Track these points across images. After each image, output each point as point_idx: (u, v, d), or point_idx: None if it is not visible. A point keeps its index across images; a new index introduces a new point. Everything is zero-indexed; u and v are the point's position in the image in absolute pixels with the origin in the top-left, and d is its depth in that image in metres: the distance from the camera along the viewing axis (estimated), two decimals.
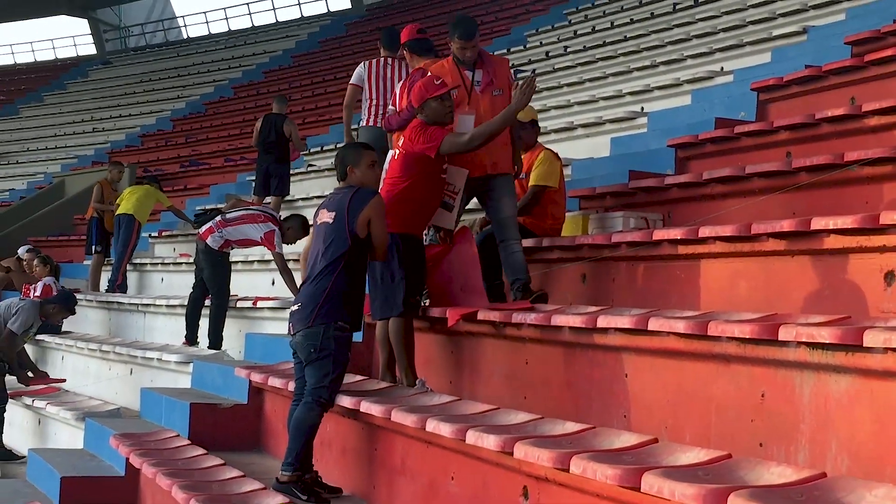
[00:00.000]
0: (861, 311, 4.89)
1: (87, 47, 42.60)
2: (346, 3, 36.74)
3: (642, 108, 12.09)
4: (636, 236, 6.53)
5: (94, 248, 15.54)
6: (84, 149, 28.54)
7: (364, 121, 8.96)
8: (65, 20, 44.28)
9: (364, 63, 9.04)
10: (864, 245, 4.97)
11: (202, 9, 58.18)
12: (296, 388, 6.15)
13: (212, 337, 10.33)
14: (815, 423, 4.19)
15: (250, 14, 39.68)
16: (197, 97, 30.12)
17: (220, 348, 10.21)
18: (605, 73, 14.51)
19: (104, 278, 15.29)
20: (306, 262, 6.35)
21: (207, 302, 10.58)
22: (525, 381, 6.07)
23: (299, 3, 38.37)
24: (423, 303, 6.85)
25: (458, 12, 27.26)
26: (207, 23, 41.29)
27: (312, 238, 6.26)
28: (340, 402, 6.00)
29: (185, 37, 41.38)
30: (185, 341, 10.77)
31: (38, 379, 12.02)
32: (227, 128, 24.95)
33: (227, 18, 40.40)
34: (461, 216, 7.19)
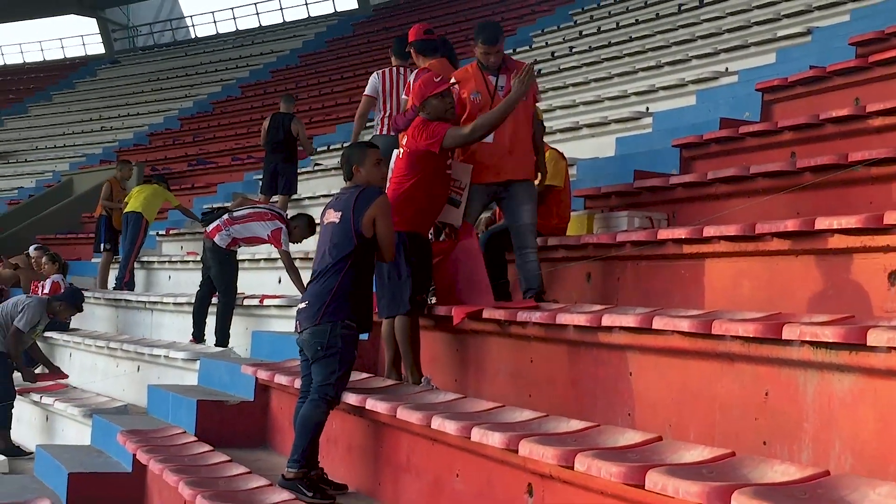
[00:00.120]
0: (865, 310, 4.89)
1: (96, 46, 42.68)
2: (352, 4, 36.75)
3: (647, 109, 12.08)
4: (641, 236, 6.53)
5: (103, 247, 15.56)
6: (92, 147, 28.56)
7: (377, 130, 8.94)
8: (74, 19, 44.29)
9: (377, 73, 8.98)
10: (868, 245, 4.97)
11: (210, 9, 58.25)
12: (302, 386, 6.16)
13: (219, 334, 10.34)
14: (819, 422, 4.19)
15: (258, 14, 39.75)
16: (204, 96, 30.14)
17: (227, 346, 10.22)
18: (611, 73, 14.48)
19: (112, 276, 15.33)
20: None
21: (214, 300, 10.59)
22: (530, 379, 6.06)
23: (306, 4, 38.40)
24: (430, 300, 6.85)
25: (464, 13, 27.38)
26: (215, 22, 41.35)
27: (319, 237, 6.25)
28: (346, 399, 6.01)
29: (193, 36, 41.41)
30: (192, 339, 10.79)
31: (49, 375, 12.03)
32: (234, 127, 24.96)
33: (234, 18, 40.47)
34: (479, 214, 7.18)
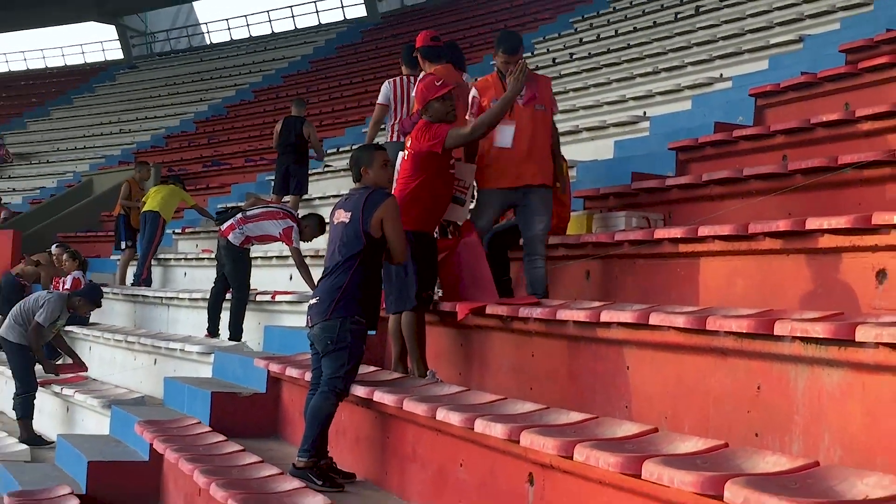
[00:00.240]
0: (853, 307, 4.89)
1: (115, 52, 42.69)
2: (361, 11, 36.73)
3: (645, 113, 12.06)
4: (638, 235, 6.53)
5: (124, 244, 15.59)
6: (111, 149, 28.57)
7: (388, 137, 8.95)
8: (94, 26, 44.37)
9: (389, 82, 8.96)
10: (857, 244, 4.96)
11: (224, 16, 58.44)
12: (312, 378, 6.16)
13: (232, 329, 10.34)
14: (809, 415, 4.19)
15: (270, 21, 39.74)
16: (219, 100, 30.14)
17: (240, 340, 10.22)
18: (610, 78, 14.48)
19: (130, 272, 15.35)
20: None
21: (228, 295, 10.60)
22: (531, 372, 6.07)
23: (317, 11, 38.40)
24: (437, 294, 6.84)
25: (469, 20, 27.38)
26: (229, 29, 41.28)
27: (329, 236, 6.25)
28: (355, 391, 6.02)
29: (208, 43, 41.40)
30: (206, 333, 10.79)
31: (70, 366, 12.05)
32: (247, 130, 24.95)
33: (248, 25, 40.73)
34: (494, 219, 7.15)
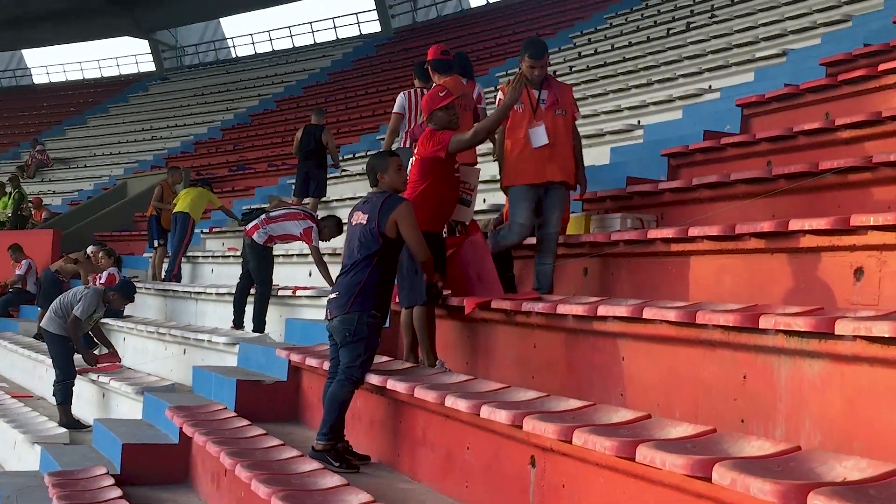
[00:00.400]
0: (833, 303, 4.88)
1: (148, 65, 42.69)
2: (376, 27, 36.71)
3: (639, 122, 12.04)
4: (633, 235, 6.52)
5: (156, 243, 15.64)
6: (144, 154, 28.61)
7: (402, 143, 8.98)
8: (128, 41, 44.54)
9: (403, 93, 9.00)
10: (837, 244, 4.95)
11: (249, 31, 58.45)
12: (330, 367, 6.16)
13: (256, 321, 10.36)
14: (791, 403, 4.18)
15: (291, 36, 39.68)
16: (244, 109, 30.15)
17: (264, 332, 10.24)
18: (606, 89, 14.45)
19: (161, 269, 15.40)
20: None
21: (252, 290, 10.62)
22: (533, 363, 6.06)
23: (335, 27, 38.35)
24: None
25: (476, 35, 27.36)
26: (254, 43, 41.24)
27: (346, 236, 6.26)
28: (369, 380, 6.02)
29: (234, 56, 41.39)
30: (232, 325, 10.80)
31: (106, 356, 12.07)
32: (270, 136, 24.97)
33: (270, 40, 40.43)
34: (530, 213, 7.05)
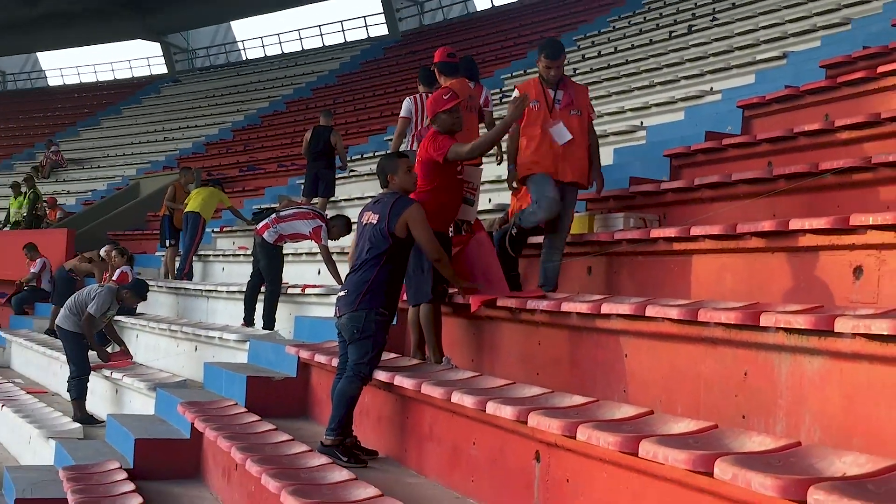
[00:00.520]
0: (832, 301, 4.87)
1: (160, 67, 42.73)
2: (384, 30, 36.72)
3: (641, 123, 12.03)
4: (635, 234, 6.51)
5: (168, 242, 15.67)
6: (156, 155, 28.64)
7: (408, 145, 9.00)
8: (140, 44, 44.51)
9: (409, 98, 9.04)
10: (836, 243, 4.95)
11: (259, 34, 58.44)
12: (339, 364, 6.17)
13: (266, 319, 10.36)
14: (791, 399, 4.18)
15: (300, 39, 39.69)
16: (254, 111, 30.18)
17: (273, 329, 10.24)
18: (609, 91, 14.43)
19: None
20: (352, 256, 6.38)
21: (263, 288, 10.63)
22: (537, 359, 6.06)
23: (343, 30, 38.35)
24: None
25: (482, 38, 27.34)
26: (263, 46, 41.27)
27: (357, 235, 6.26)
28: (377, 376, 6.02)
29: (244, 58, 41.40)
30: (242, 323, 10.82)
31: (119, 353, 12.09)
32: (280, 138, 24.99)
33: (280, 43, 40.45)
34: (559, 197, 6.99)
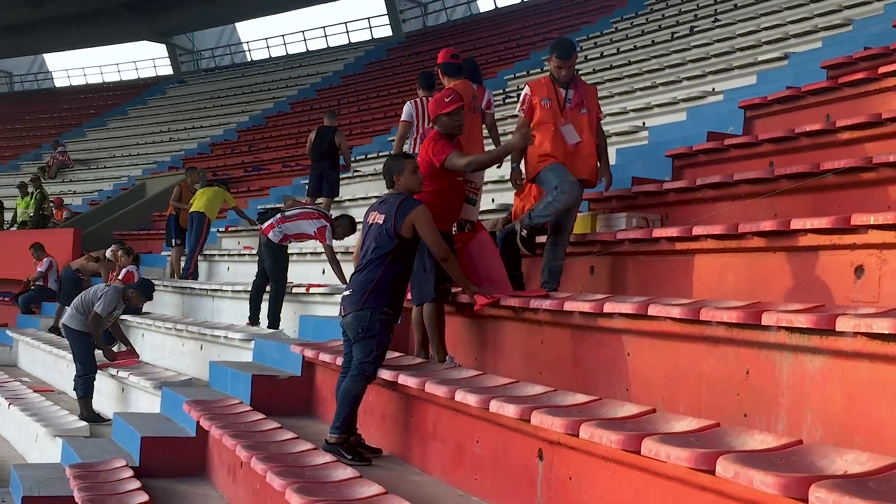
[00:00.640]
0: (834, 300, 4.87)
1: (165, 68, 42.80)
2: (387, 31, 36.73)
3: (644, 123, 12.03)
4: (638, 234, 6.51)
5: (174, 242, 15.68)
6: (162, 156, 28.67)
7: (410, 149, 9.01)
8: (146, 45, 44.60)
9: (410, 102, 9.04)
10: (837, 243, 4.94)
11: (264, 35, 58.48)
12: (343, 363, 6.17)
13: (271, 318, 10.37)
14: (793, 397, 4.17)
15: (305, 40, 39.71)
16: (259, 112, 30.20)
17: (278, 328, 10.25)
18: (612, 92, 14.42)
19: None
20: (357, 255, 6.38)
21: (268, 288, 10.63)
22: (540, 358, 6.06)
23: (347, 31, 38.39)
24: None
25: (485, 39, 27.34)
26: (268, 47, 41.32)
27: (362, 234, 6.26)
28: (381, 375, 6.02)
29: (249, 60, 41.44)
30: (248, 321, 10.82)
31: (125, 353, 12.10)
32: (284, 138, 25.00)
33: (285, 44, 40.50)
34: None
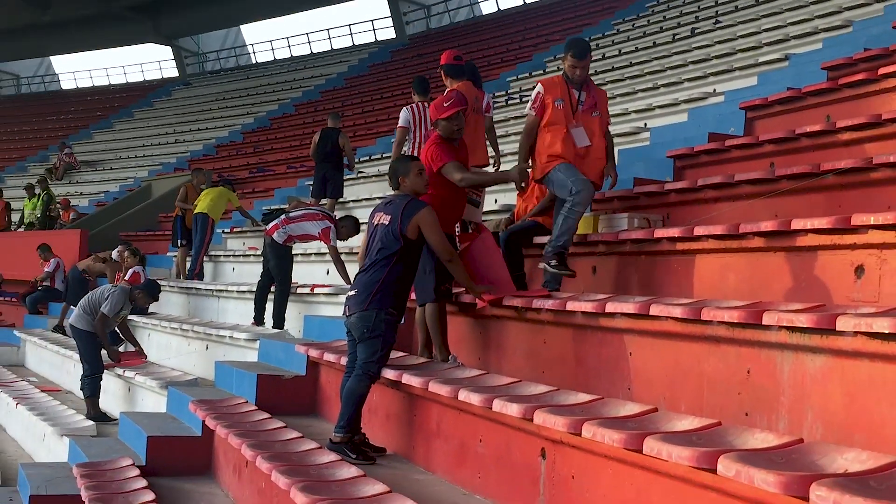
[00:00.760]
0: (834, 300, 4.86)
1: (171, 71, 42.86)
2: (391, 34, 36.75)
3: (645, 124, 12.05)
4: (639, 234, 6.51)
5: (179, 242, 15.70)
6: (167, 157, 28.72)
7: (408, 153, 9.03)
8: (152, 48, 44.48)
9: (407, 108, 9.06)
10: (838, 243, 4.93)
11: (268, 38, 58.53)
12: (348, 362, 6.17)
13: (276, 318, 10.38)
14: (794, 396, 4.17)
15: (309, 42, 39.78)
16: (263, 113, 30.24)
17: (283, 328, 10.26)
18: (614, 93, 14.41)
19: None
20: (362, 256, 6.39)
21: (273, 288, 10.64)
22: (543, 358, 6.06)
23: (351, 34, 38.44)
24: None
25: (487, 41, 27.35)
26: (273, 50, 41.53)
27: (367, 235, 6.26)
28: (385, 374, 6.02)
29: (254, 62, 41.49)
30: (253, 322, 10.83)
31: (132, 353, 12.12)
32: (289, 140, 25.04)
33: (289, 46, 40.55)
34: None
